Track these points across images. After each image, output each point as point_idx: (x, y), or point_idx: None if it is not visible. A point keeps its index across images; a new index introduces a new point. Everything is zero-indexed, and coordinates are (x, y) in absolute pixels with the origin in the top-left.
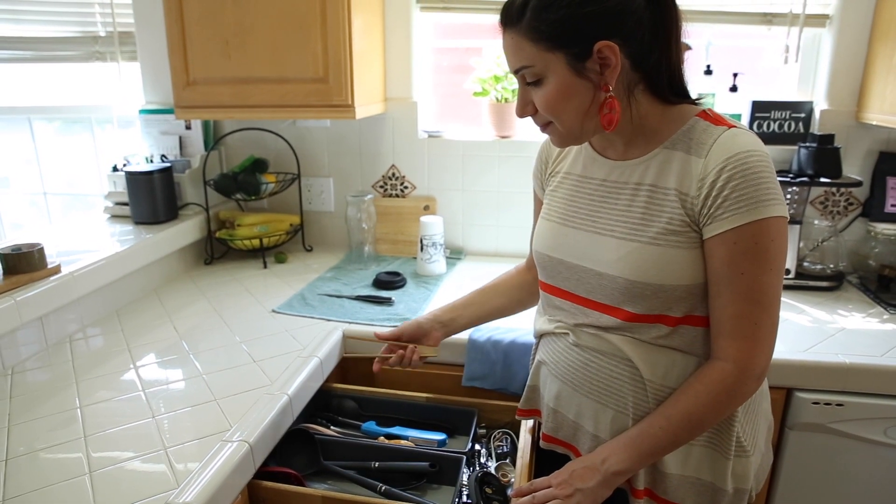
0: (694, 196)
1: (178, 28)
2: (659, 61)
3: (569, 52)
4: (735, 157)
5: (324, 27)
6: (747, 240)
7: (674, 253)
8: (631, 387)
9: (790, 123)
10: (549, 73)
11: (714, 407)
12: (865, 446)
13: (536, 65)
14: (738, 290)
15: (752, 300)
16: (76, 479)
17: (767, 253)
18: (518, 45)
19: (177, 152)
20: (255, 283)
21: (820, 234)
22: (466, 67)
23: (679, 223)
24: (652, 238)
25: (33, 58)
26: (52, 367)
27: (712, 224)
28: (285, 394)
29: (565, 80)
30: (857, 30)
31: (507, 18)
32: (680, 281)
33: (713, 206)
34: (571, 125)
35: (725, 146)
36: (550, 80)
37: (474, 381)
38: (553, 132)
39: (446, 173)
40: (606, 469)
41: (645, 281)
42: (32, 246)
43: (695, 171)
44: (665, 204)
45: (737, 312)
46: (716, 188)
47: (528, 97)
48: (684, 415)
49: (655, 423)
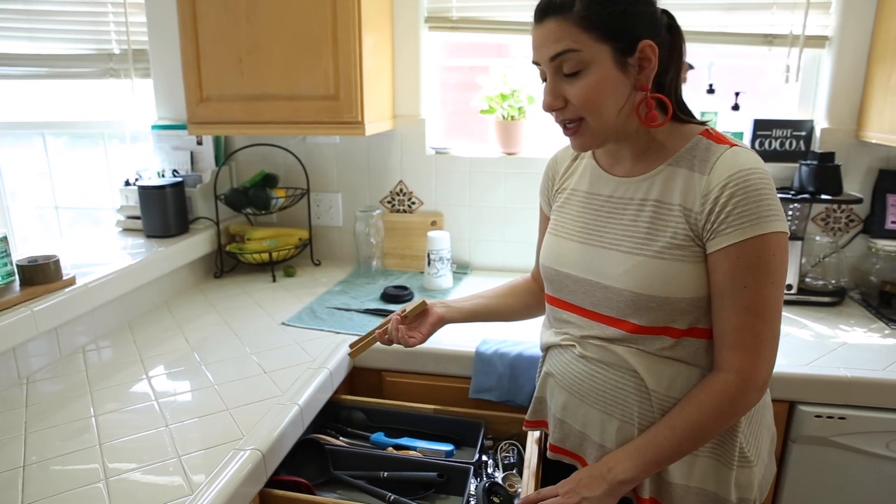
0: (697, 212)
1: (192, 46)
2: (672, 80)
3: (616, 45)
4: (737, 175)
5: (335, 46)
6: (749, 254)
7: (678, 267)
8: (636, 397)
9: (791, 141)
10: (594, 62)
11: (717, 417)
12: (868, 459)
13: (584, 50)
14: (740, 303)
15: (754, 313)
16: (91, 486)
17: (769, 267)
18: (564, 31)
19: (188, 167)
20: (265, 296)
21: (821, 251)
22: (473, 85)
23: (683, 238)
24: (657, 252)
25: (49, 74)
26: (65, 377)
27: (715, 239)
28: (296, 404)
29: (608, 73)
30: (856, 51)
31: (553, 8)
32: (684, 294)
33: (716, 221)
34: (606, 121)
35: (728, 164)
36: (592, 71)
37: (481, 394)
38: (583, 131)
39: (453, 189)
40: (612, 478)
41: (650, 294)
42: (48, 258)
43: (698, 188)
44: (669, 219)
45: (739, 325)
46: (719, 204)
47: (561, 89)
48: (688, 425)
49: (660, 433)
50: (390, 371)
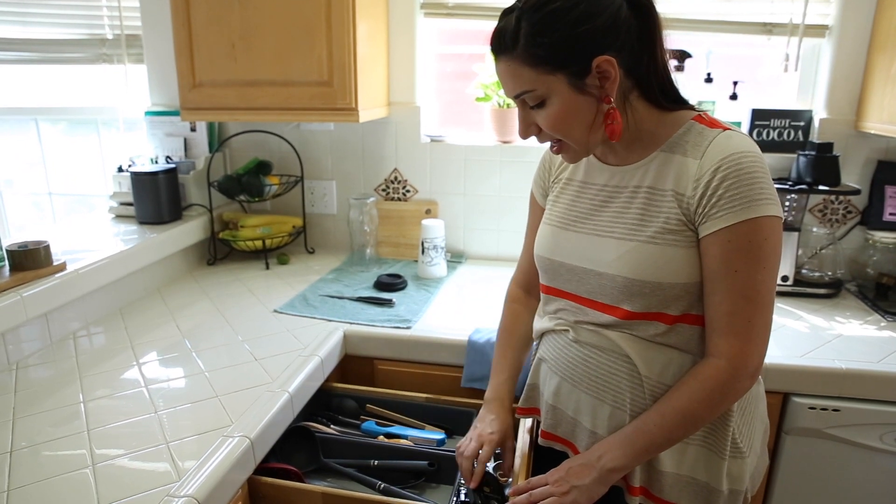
0: (689, 196)
1: (185, 31)
2: (648, 66)
3: (568, 71)
4: (729, 158)
5: (329, 31)
6: (741, 238)
7: (671, 252)
8: (628, 383)
9: (790, 132)
10: (552, 94)
11: (708, 404)
12: (861, 452)
13: (538, 88)
14: (731, 287)
15: (745, 298)
16: (78, 471)
17: (761, 251)
18: (516, 72)
19: (181, 154)
20: (258, 283)
21: (818, 242)
22: (469, 73)
23: (676, 222)
24: (650, 237)
25: (40, 59)
26: (55, 364)
27: (707, 223)
28: (286, 391)
29: (568, 99)
30: (856, 40)
31: (499, 46)
32: (677, 279)
33: (708, 204)
34: (580, 140)
35: (720, 147)
36: (554, 102)
37: (473, 382)
38: (566, 148)
39: (448, 177)
40: (602, 466)
41: (643, 279)
42: (38, 243)
43: (691, 172)
44: (662, 204)
45: (730, 310)
46: (710, 187)
47: (531, 119)
48: (678, 412)
49: (650, 419)
50: (382, 359)
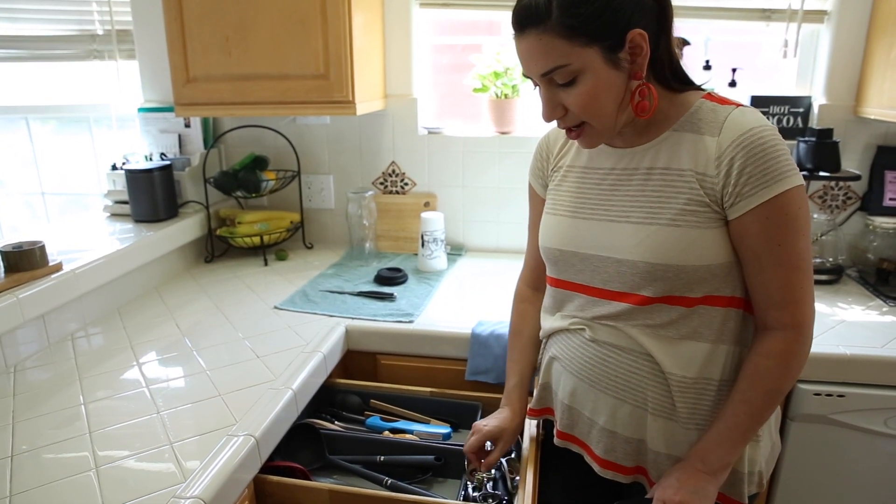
0: (713, 175)
1: (177, 25)
2: (663, 49)
3: (604, 44)
4: (749, 134)
5: (324, 24)
6: (777, 212)
7: (695, 233)
8: (651, 381)
9: (789, 118)
10: (586, 69)
11: (789, 376)
12: (866, 437)
13: (572, 62)
14: (779, 261)
15: (793, 267)
16: (82, 474)
17: (797, 221)
18: (548, 45)
19: (176, 150)
20: (257, 280)
21: (819, 228)
22: (466, 64)
23: (698, 203)
24: (671, 219)
25: (30, 56)
26: (54, 365)
27: (740, 203)
28: (290, 388)
29: (602, 74)
30: (855, 25)
31: (529, 18)
32: (702, 261)
33: (737, 184)
34: (609, 120)
35: (738, 123)
36: (587, 77)
37: (478, 376)
38: (588, 132)
39: (446, 170)
40: (709, 468)
41: (666, 263)
42: (34, 244)
43: (710, 150)
44: (681, 185)
45: (783, 282)
46: (735, 166)
47: (558, 99)
48: (765, 393)
49: (739, 410)
50: (385, 354)
